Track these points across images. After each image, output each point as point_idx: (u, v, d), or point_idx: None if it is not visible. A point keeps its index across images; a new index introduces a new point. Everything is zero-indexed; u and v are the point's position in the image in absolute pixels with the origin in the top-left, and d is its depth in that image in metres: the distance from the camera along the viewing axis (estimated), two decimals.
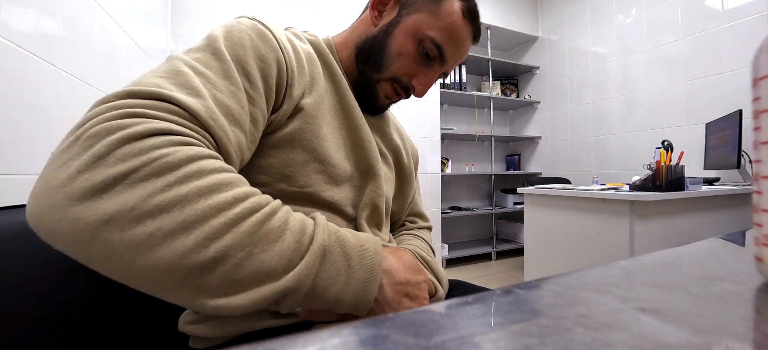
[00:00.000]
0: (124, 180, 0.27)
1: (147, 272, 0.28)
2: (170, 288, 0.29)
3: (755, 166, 0.23)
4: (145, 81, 0.34)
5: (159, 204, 0.28)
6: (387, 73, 0.54)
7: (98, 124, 0.29)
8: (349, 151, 0.52)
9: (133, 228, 0.27)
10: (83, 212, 0.27)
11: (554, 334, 0.15)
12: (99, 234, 0.27)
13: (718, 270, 0.26)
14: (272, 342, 0.14)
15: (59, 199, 0.27)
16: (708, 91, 2.20)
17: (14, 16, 0.80)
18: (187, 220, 0.28)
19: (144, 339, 0.51)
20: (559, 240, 1.72)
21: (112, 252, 0.27)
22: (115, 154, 0.28)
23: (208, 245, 0.29)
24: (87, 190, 0.27)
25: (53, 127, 0.94)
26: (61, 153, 0.29)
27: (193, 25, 2.16)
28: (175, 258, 0.28)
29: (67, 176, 0.27)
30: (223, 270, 0.30)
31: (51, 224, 0.27)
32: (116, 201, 0.27)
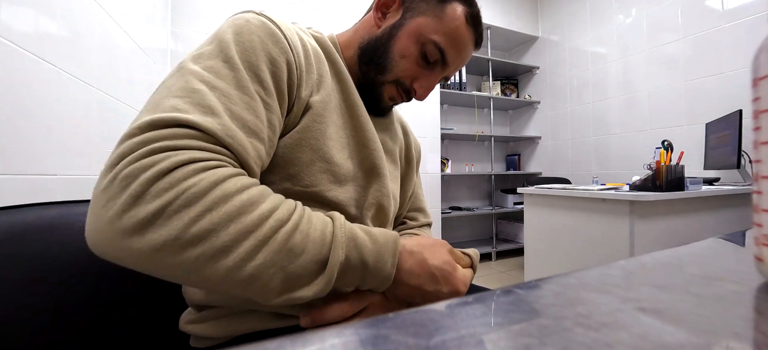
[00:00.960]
0: (163, 214, 0.31)
1: (199, 283, 0.34)
2: (223, 292, 0.38)
3: (755, 166, 0.23)
4: (163, 104, 0.36)
5: (197, 233, 0.32)
6: (390, 75, 0.54)
7: (130, 165, 0.32)
8: (352, 151, 0.51)
9: (181, 254, 0.32)
10: (137, 243, 0.31)
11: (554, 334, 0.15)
12: (157, 259, 0.31)
13: (718, 270, 0.26)
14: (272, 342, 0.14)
15: (112, 234, 0.31)
16: (708, 91, 2.20)
17: (14, 16, 0.80)
18: (225, 245, 0.33)
19: (144, 339, 0.51)
20: (559, 240, 1.72)
21: (172, 272, 0.33)
22: (150, 191, 0.32)
23: (245, 265, 0.33)
24: (135, 225, 0.31)
25: (53, 127, 0.94)
26: (102, 192, 0.32)
27: (193, 25, 2.16)
28: (221, 277, 0.33)
29: (113, 214, 0.31)
30: (259, 284, 0.34)
31: (114, 252, 0.32)
32: (161, 232, 0.31)
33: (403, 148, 0.66)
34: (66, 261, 0.45)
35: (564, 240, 1.69)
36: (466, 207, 3.34)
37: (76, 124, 1.05)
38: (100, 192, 0.32)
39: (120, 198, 0.31)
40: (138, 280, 0.51)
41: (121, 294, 0.50)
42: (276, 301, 0.35)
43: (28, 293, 0.42)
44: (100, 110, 1.20)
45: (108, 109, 1.26)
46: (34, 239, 0.44)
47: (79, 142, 1.07)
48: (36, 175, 0.88)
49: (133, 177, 0.32)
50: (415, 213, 0.70)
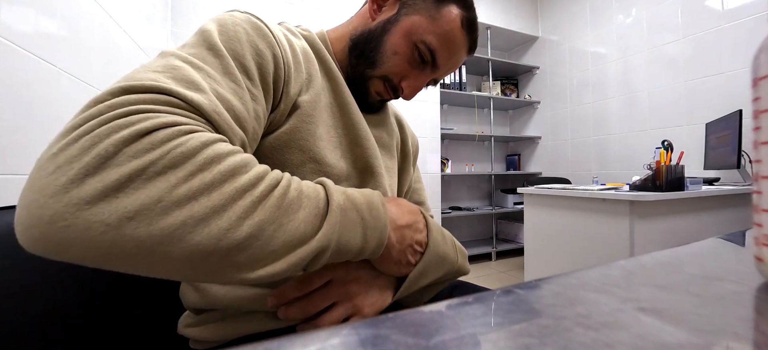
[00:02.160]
0: (141, 176, 0.27)
1: (184, 260, 0.28)
2: (209, 271, 0.30)
3: (755, 165, 0.23)
4: (140, 76, 0.32)
5: (186, 194, 0.28)
6: (379, 70, 0.53)
7: (99, 126, 0.27)
8: (345, 150, 0.51)
9: (162, 219, 0.27)
10: (99, 214, 0.26)
11: (554, 334, 0.15)
12: (123, 232, 0.26)
13: (718, 270, 0.26)
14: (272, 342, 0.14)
15: (63, 206, 0.25)
16: (708, 91, 2.20)
17: (14, 16, 0.80)
18: (217, 205, 0.29)
19: (144, 341, 0.51)
20: (559, 240, 1.72)
21: (141, 246, 0.27)
22: (124, 151, 0.27)
23: (242, 223, 0.30)
24: (99, 192, 0.26)
25: (53, 127, 0.94)
26: (53, 157, 0.27)
27: (193, 25, 2.16)
28: (212, 241, 0.29)
29: (67, 181, 0.26)
30: (259, 244, 0.31)
31: (55, 234, 0.25)
32: (137, 196, 0.26)
33: (399, 142, 0.65)
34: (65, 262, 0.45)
35: (564, 240, 1.69)
36: (466, 207, 3.34)
37: None
38: (49, 158, 0.27)
39: (79, 161, 0.26)
40: (137, 282, 0.51)
41: (120, 296, 0.50)
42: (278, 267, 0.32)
43: (27, 293, 0.42)
44: None
45: None
46: None
47: None
48: None
49: (102, 137, 0.27)
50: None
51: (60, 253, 0.26)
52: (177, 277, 0.31)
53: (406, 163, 0.67)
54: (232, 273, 0.31)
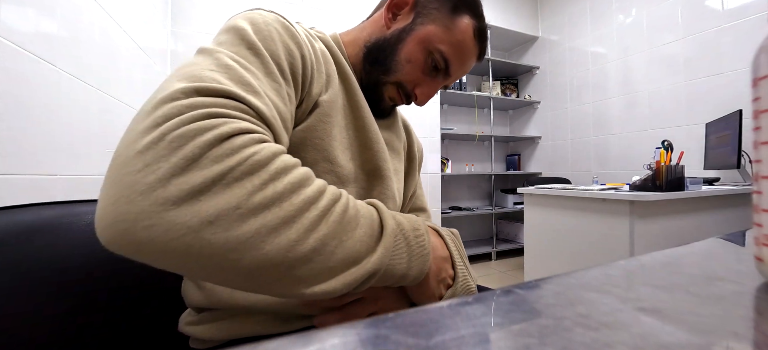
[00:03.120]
0: (221, 181, 0.28)
1: (252, 269, 0.29)
2: (272, 282, 0.30)
3: (755, 165, 0.23)
4: (202, 75, 0.33)
5: (261, 202, 0.29)
6: (394, 77, 0.54)
7: (183, 125, 0.28)
8: (355, 152, 0.51)
9: (238, 226, 0.28)
10: (182, 215, 0.26)
11: (554, 334, 0.15)
12: (201, 237, 0.27)
13: (718, 270, 0.26)
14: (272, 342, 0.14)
15: (149, 204, 0.26)
16: (708, 91, 2.20)
17: (14, 16, 0.80)
18: (288, 215, 0.30)
19: (144, 339, 0.51)
20: (559, 240, 1.72)
21: (215, 252, 0.27)
22: (207, 155, 0.28)
23: (308, 237, 0.30)
24: (185, 193, 0.26)
25: (53, 127, 0.94)
26: (140, 154, 0.27)
27: (193, 25, 2.16)
28: (281, 252, 0.29)
29: (155, 179, 0.26)
30: (321, 259, 0.31)
31: (139, 232, 0.26)
32: (217, 201, 0.27)
33: (405, 147, 0.66)
34: (65, 261, 0.45)
35: (564, 240, 1.69)
36: (466, 207, 3.34)
37: (76, 124, 1.05)
38: (135, 154, 0.27)
39: (168, 161, 0.27)
40: (138, 280, 0.51)
41: (121, 295, 0.50)
42: (334, 284, 0.32)
43: (28, 293, 0.42)
44: (100, 110, 1.20)
45: (108, 109, 1.26)
46: (34, 239, 0.44)
47: (79, 142, 1.07)
48: (36, 175, 0.88)
49: (188, 139, 0.28)
50: (417, 213, 0.70)
51: (137, 252, 0.27)
52: (242, 287, 0.31)
53: (411, 168, 0.68)
54: (290, 287, 0.31)
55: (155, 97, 0.30)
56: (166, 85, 0.32)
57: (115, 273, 0.49)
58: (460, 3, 0.53)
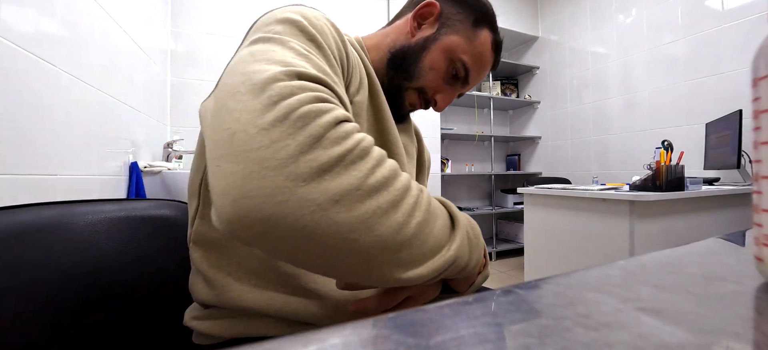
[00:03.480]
0: (342, 162, 0.29)
1: (365, 251, 0.29)
2: (376, 266, 0.31)
3: (755, 165, 0.23)
4: (291, 62, 0.33)
5: (374, 185, 0.30)
6: (416, 83, 0.56)
7: (303, 106, 0.29)
8: None
9: (359, 207, 0.28)
10: (312, 192, 0.27)
11: (554, 334, 0.15)
12: (328, 214, 0.27)
13: (718, 270, 0.26)
14: (272, 342, 0.14)
15: (283, 180, 0.26)
16: (708, 91, 2.20)
17: (14, 16, 0.80)
18: (394, 199, 0.31)
19: (146, 336, 0.51)
20: (559, 240, 1.72)
21: (337, 232, 0.28)
22: (328, 136, 0.29)
23: (410, 221, 0.32)
24: (314, 171, 0.27)
25: (53, 127, 0.94)
26: (265, 131, 0.27)
27: (193, 25, 2.16)
28: (392, 233, 0.30)
29: (286, 156, 0.27)
30: (417, 243, 0.32)
31: (272, 207, 0.26)
32: (341, 181, 0.28)
33: (416, 153, 0.68)
34: (66, 260, 0.45)
35: (564, 240, 1.69)
36: (466, 207, 3.34)
37: (76, 124, 1.05)
38: (260, 131, 0.27)
39: (295, 138, 0.27)
40: (138, 280, 0.51)
41: (121, 293, 0.50)
42: (424, 270, 0.33)
43: (28, 293, 0.42)
44: (100, 110, 1.20)
45: (108, 109, 1.26)
46: (34, 239, 0.44)
47: (79, 142, 1.07)
48: (36, 175, 0.88)
49: (311, 119, 0.28)
50: None
51: (263, 231, 0.27)
52: (350, 271, 0.32)
53: (421, 174, 0.69)
54: (391, 271, 0.32)
55: (252, 78, 0.31)
56: (255, 68, 0.32)
57: (115, 273, 0.49)
58: (481, 17, 0.57)
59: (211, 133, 0.31)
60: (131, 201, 0.56)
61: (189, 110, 2.18)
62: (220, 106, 0.31)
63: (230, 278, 0.42)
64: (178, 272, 0.53)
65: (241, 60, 0.35)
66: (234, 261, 0.42)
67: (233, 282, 0.42)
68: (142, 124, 1.63)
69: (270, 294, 0.42)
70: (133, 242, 0.52)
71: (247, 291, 0.42)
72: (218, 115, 0.31)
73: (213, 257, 0.43)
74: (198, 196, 0.45)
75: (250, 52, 0.35)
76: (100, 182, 1.20)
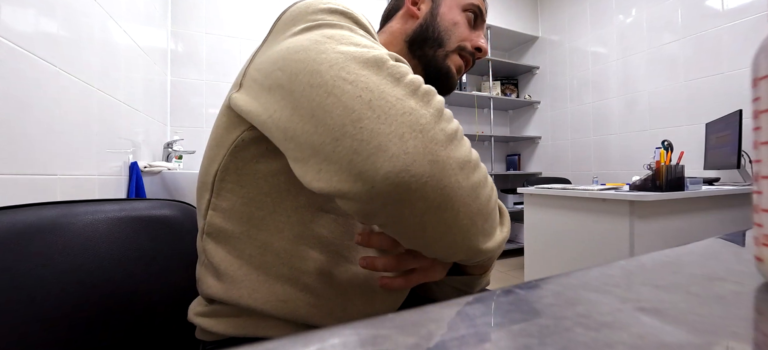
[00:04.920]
0: (456, 135, 0.33)
1: (470, 216, 0.33)
2: (473, 233, 0.35)
3: (755, 166, 0.23)
4: (377, 47, 0.36)
5: (475, 160, 0.34)
6: (450, 44, 0.58)
7: (422, 84, 0.33)
8: None
9: (472, 175, 0.33)
10: (449, 158, 0.31)
11: (554, 334, 0.15)
12: (458, 178, 0.31)
13: (718, 270, 0.26)
14: (272, 343, 0.14)
15: (430, 142, 0.30)
16: (708, 91, 2.20)
17: (14, 16, 0.80)
18: (484, 175, 0.36)
19: (147, 335, 0.51)
20: (559, 240, 1.72)
21: (462, 194, 0.32)
22: (444, 114, 0.33)
23: (491, 194, 0.37)
24: (447, 137, 0.31)
25: (53, 127, 0.94)
26: (400, 101, 0.31)
27: (193, 25, 2.16)
28: (485, 203, 0.35)
29: (426, 122, 0.30)
30: (493, 216, 0.37)
31: (425, 166, 0.29)
32: (461, 151, 0.32)
33: None
34: (66, 260, 0.45)
35: (564, 240, 1.69)
36: None
37: (76, 124, 1.05)
38: (397, 100, 0.31)
39: (427, 109, 0.31)
40: (138, 280, 0.51)
41: (121, 293, 0.50)
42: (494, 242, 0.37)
43: (28, 293, 0.42)
44: (100, 110, 1.20)
45: (108, 109, 1.26)
46: (34, 239, 0.44)
47: (79, 142, 1.07)
48: (36, 175, 0.88)
49: (432, 95, 0.33)
50: None
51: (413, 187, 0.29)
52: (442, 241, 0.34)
53: None
54: (478, 240, 0.36)
55: (357, 56, 0.33)
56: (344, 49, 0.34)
57: (115, 273, 0.49)
58: None
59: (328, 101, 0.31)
60: (131, 201, 0.56)
61: (189, 110, 2.18)
62: (326, 80, 0.32)
63: (242, 271, 0.41)
64: (179, 272, 0.53)
65: (315, 42, 0.35)
66: (246, 253, 0.42)
67: (244, 275, 0.41)
68: (142, 124, 1.63)
69: (280, 289, 0.41)
70: (133, 242, 0.52)
71: (254, 291, 0.41)
72: (328, 86, 0.32)
73: (226, 249, 0.43)
74: (211, 188, 0.44)
75: (325, 35, 0.36)
76: (100, 182, 1.20)
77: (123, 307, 0.50)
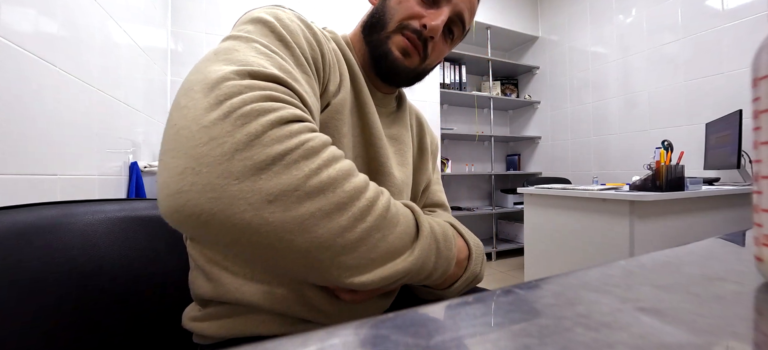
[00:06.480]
0: (281, 161, 0.29)
1: (302, 251, 0.30)
2: (318, 268, 0.31)
3: (755, 166, 0.23)
4: (250, 60, 0.34)
5: (317, 186, 0.30)
6: (392, 24, 0.52)
7: (246, 105, 0.29)
8: (360, 149, 0.52)
9: (296, 207, 0.29)
10: (244, 191, 0.27)
11: (554, 334, 0.15)
12: (261, 214, 0.27)
13: (718, 270, 0.26)
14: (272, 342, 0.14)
15: (216, 177, 0.27)
16: (708, 91, 2.20)
17: (14, 16, 0.80)
18: (340, 201, 0.31)
19: (147, 336, 0.51)
20: (559, 240, 1.72)
21: (272, 230, 0.28)
22: (269, 134, 0.29)
23: (356, 225, 0.31)
24: (248, 169, 0.27)
25: (53, 127, 0.94)
26: (205, 129, 0.28)
27: (193, 25, 2.16)
28: (331, 236, 0.30)
29: (222, 153, 0.27)
30: (365, 249, 0.32)
31: (204, 203, 0.27)
32: (278, 181, 0.28)
33: (417, 139, 0.67)
34: (66, 261, 0.45)
35: (564, 240, 1.69)
36: (466, 207, 3.34)
37: (76, 124, 1.05)
38: (201, 129, 0.28)
39: (233, 136, 0.28)
40: (138, 280, 0.51)
41: (121, 293, 0.50)
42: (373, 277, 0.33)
43: (29, 293, 0.42)
44: (100, 110, 1.20)
45: (108, 109, 1.26)
46: (34, 239, 0.44)
47: (79, 142, 1.07)
48: (36, 175, 0.88)
49: (252, 118, 0.29)
50: (433, 208, 0.69)
51: (198, 225, 0.27)
52: (289, 270, 0.32)
53: (422, 160, 0.68)
54: (336, 274, 0.32)
55: (207, 77, 0.31)
56: (212, 68, 0.32)
57: (115, 273, 0.49)
58: None
59: (165, 128, 0.32)
60: (131, 201, 0.56)
61: None
62: (175, 103, 0.32)
63: (226, 272, 0.42)
64: (178, 272, 0.53)
65: (205, 58, 0.35)
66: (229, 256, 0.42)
67: (230, 275, 0.42)
68: (142, 124, 1.63)
69: (265, 287, 0.41)
70: (133, 242, 0.52)
71: (243, 284, 0.42)
72: (171, 111, 0.32)
73: (208, 251, 0.43)
74: None
75: (215, 51, 0.36)
76: (100, 182, 1.20)
77: (123, 307, 0.50)
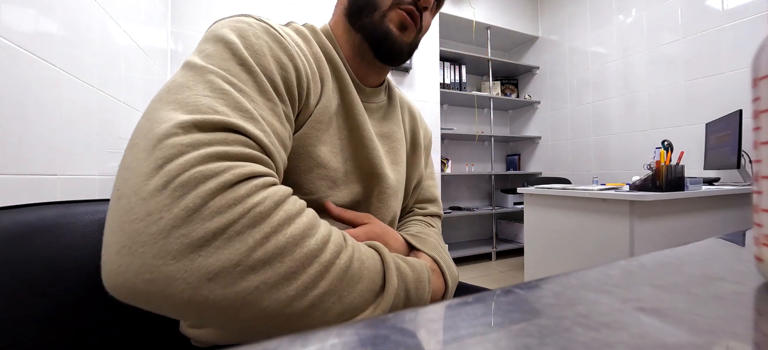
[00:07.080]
0: (223, 235, 0.27)
1: (248, 323, 0.29)
2: (267, 332, 0.30)
3: (755, 166, 0.23)
4: (198, 103, 0.31)
5: (261, 258, 0.28)
6: (384, 2, 0.50)
7: (185, 171, 0.27)
8: (351, 153, 0.51)
9: (238, 283, 0.27)
10: (181, 271, 0.26)
11: (554, 334, 0.15)
12: (200, 292, 0.26)
13: (718, 270, 0.26)
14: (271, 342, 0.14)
15: (152, 257, 0.25)
16: (708, 91, 2.20)
17: (14, 16, 0.80)
18: (288, 271, 0.29)
19: (146, 339, 0.51)
20: (559, 240, 1.72)
21: (214, 307, 0.27)
22: (209, 206, 0.27)
23: (307, 293, 0.30)
24: (185, 247, 0.26)
25: (53, 127, 0.94)
26: (143, 201, 0.26)
27: (193, 25, 2.16)
28: (279, 308, 0.29)
29: (157, 231, 0.26)
30: (317, 314, 0.31)
31: (140, 284, 0.26)
32: (218, 257, 0.27)
33: (409, 133, 0.65)
34: (66, 261, 0.45)
35: (564, 240, 1.69)
36: (466, 208, 3.34)
37: (76, 124, 1.05)
38: (139, 201, 0.26)
39: (170, 211, 0.26)
40: None
41: None
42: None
43: (29, 293, 0.42)
44: (100, 110, 1.20)
45: (108, 109, 1.26)
46: (34, 239, 0.44)
47: (79, 142, 1.07)
48: (36, 175, 0.88)
49: (191, 187, 0.27)
50: (424, 204, 0.68)
51: (141, 302, 0.27)
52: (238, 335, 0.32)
53: (415, 154, 0.66)
54: (281, 331, 0.31)
55: (151, 129, 0.29)
56: (160, 115, 0.30)
57: None
58: None
59: (112, 187, 0.30)
60: None
61: None
62: (123, 156, 0.30)
63: None
64: None
65: (157, 96, 0.33)
66: None
67: None
68: None
69: None
70: None
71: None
72: (119, 166, 0.30)
73: None
74: None
75: (168, 87, 0.34)
76: (100, 182, 1.20)
77: (123, 308, 0.50)
